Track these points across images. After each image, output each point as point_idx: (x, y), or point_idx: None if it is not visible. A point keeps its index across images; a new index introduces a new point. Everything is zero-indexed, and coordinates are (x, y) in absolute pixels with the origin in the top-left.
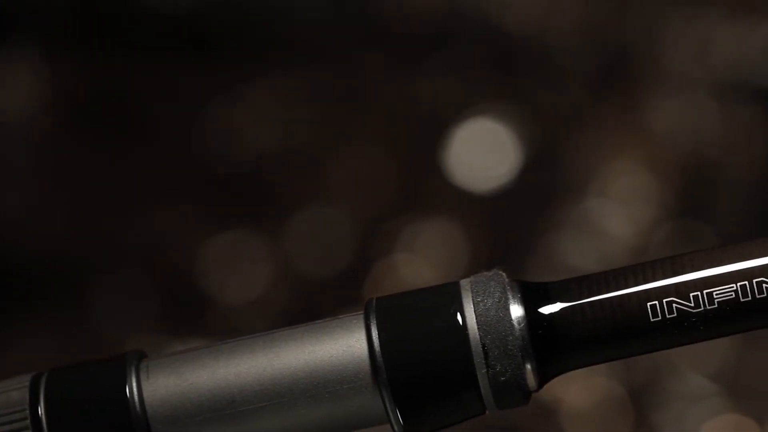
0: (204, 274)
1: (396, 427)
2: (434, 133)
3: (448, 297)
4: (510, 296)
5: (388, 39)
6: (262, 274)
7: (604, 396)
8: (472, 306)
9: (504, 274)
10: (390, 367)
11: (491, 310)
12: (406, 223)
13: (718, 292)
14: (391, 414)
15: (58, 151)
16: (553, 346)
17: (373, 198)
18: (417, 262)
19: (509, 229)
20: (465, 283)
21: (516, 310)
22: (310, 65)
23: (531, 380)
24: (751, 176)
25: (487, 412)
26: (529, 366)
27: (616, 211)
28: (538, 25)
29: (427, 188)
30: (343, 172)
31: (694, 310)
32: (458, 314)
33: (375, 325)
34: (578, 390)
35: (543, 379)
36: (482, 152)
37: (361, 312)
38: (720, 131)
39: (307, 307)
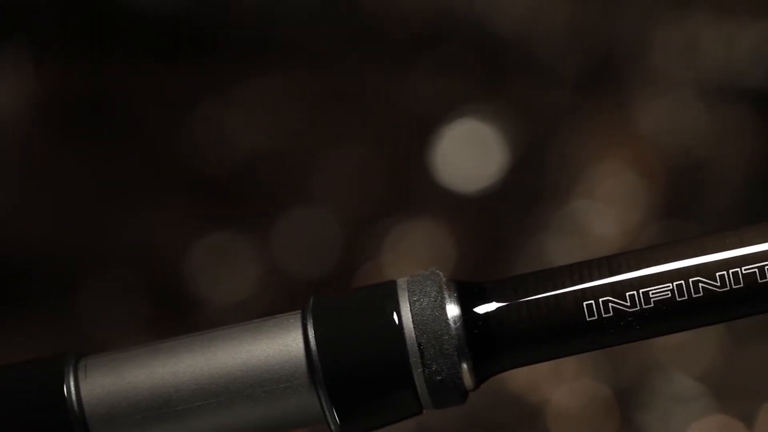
0: (192, 274)
1: (332, 427)
2: (422, 133)
3: (385, 296)
4: (446, 295)
5: (376, 40)
6: (249, 275)
7: (590, 397)
8: (408, 305)
9: (441, 273)
10: (326, 367)
11: (427, 310)
12: (393, 224)
13: (654, 291)
14: (327, 413)
15: (47, 152)
16: (489, 346)
17: (361, 199)
18: (404, 262)
19: (496, 230)
20: (402, 283)
21: (452, 310)
22: (298, 66)
23: (467, 379)
24: (738, 177)
25: (424, 411)
26: (465, 365)
27: (603, 212)
28: (525, 27)
29: (414, 189)
30: (330, 173)
31: (630, 310)
32: (394, 313)
33: (311, 324)
34: (565, 391)
35: (480, 378)
36: (469, 153)
37: (299, 311)
38: (707, 132)
39: (295, 307)
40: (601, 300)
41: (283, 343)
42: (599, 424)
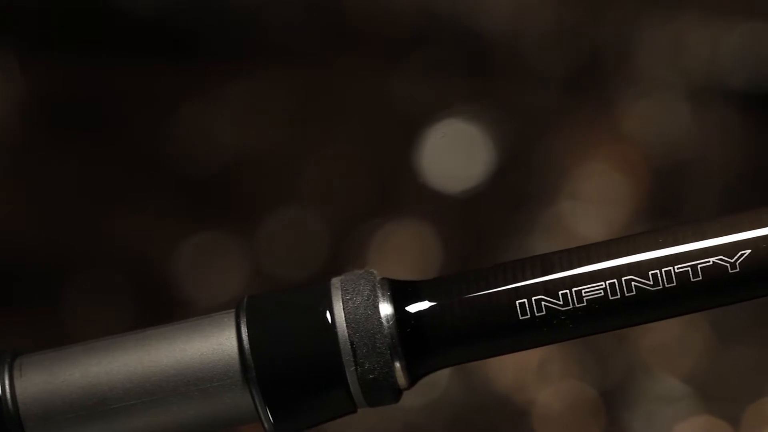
0: (178, 275)
1: (266, 425)
2: (408, 135)
3: (319, 295)
4: (379, 294)
5: (362, 41)
6: (235, 276)
7: (576, 397)
8: (341, 304)
9: (375, 272)
10: (259, 365)
11: (360, 308)
12: (379, 225)
13: (587, 290)
14: (260, 412)
15: (33, 153)
16: (422, 344)
17: (347, 200)
18: (390, 263)
19: (482, 231)
20: (336, 282)
21: (385, 309)
22: (283, 68)
23: (401, 378)
24: (723, 178)
25: (358, 410)
26: (398, 364)
27: (588, 212)
28: (511, 28)
29: (400, 190)
30: (316, 174)
31: (563, 308)
32: (327, 312)
33: (245, 322)
34: (551, 392)
35: (413, 377)
36: (455, 154)
37: (233, 310)
38: (692, 133)
39: None
40: (533, 299)
41: (217, 342)
42: (585, 424)
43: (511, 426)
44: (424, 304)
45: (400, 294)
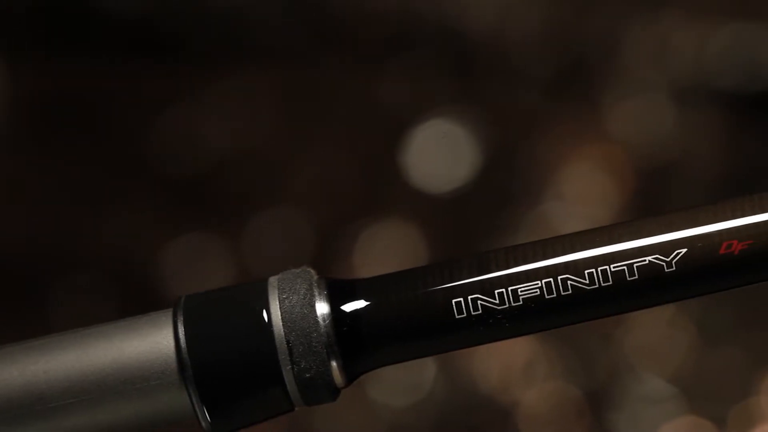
0: (164, 276)
1: (203, 424)
2: (393, 135)
3: (255, 294)
4: (316, 293)
5: (347, 42)
6: (221, 276)
7: (561, 398)
8: (277, 303)
9: (312, 270)
10: (195, 364)
11: (296, 307)
12: (365, 226)
13: (523, 288)
14: (198, 411)
15: (19, 154)
16: (358, 344)
17: (333, 200)
18: (376, 263)
19: (467, 232)
20: (273, 281)
21: (322, 307)
22: (269, 68)
23: (337, 377)
24: (708, 178)
25: (296, 408)
26: (334, 363)
27: (574, 213)
28: (496, 28)
29: (385, 190)
30: (302, 175)
31: (499, 307)
32: (264, 311)
33: (182, 321)
34: (536, 392)
35: (350, 376)
36: (440, 155)
37: (171, 309)
38: (678, 133)
39: None
40: (470, 298)
41: (154, 341)
42: (570, 425)
43: (497, 426)
44: (361, 303)
45: (337, 293)
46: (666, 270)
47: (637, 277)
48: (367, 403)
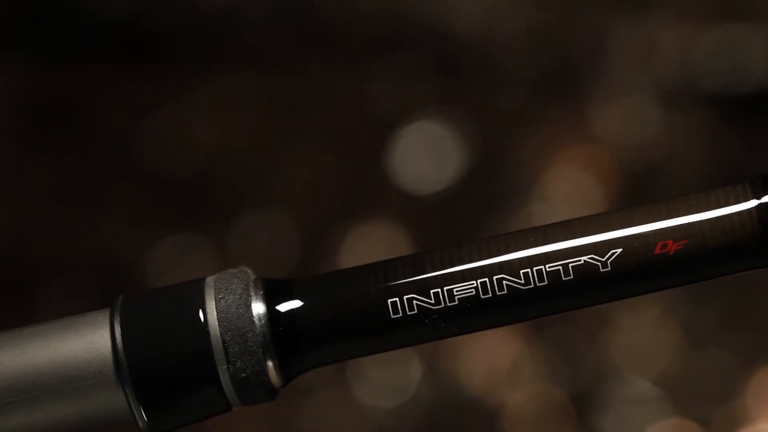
0: (151, 277)
1: (140, 424)
2: (379, 137)
3: (192, 294)
4: (252, 293)
5: (334, 44)
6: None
7: (547, 400)
8: (213, 303)
9: (249, 270)
10: (132, 364)
11: (232, 307)
12: (351, 227)
13: (458, 288)
14: (134, 411)
15: (4, 155)
16: (294, 343)
17: (319, 201)
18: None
19: (453, 233)
20: (209, 281)
21: (258, 307)
22: (256, 70)
23: (273, 377)
24: (694, 180)
25: (233, 408)
26: (270, 363)
27: (560, 214)
28: (482, 30)
29: (371, 192)
30: (288, 176)
31: (435, 307)
32: (200, 311)
33: (119, 321)
34: (521, 394)
35: (287, 375)
36: (427, 156)
37: (108, 309)
38: (663, 135)
39: None
40: (405, 298)
41: (91, 341)
42: (556, 427)
43: (482, 428)
44: (297, 303)
45: (274, 293)
46: (601, 270)
47: (572, 277)
48: (353, 404)
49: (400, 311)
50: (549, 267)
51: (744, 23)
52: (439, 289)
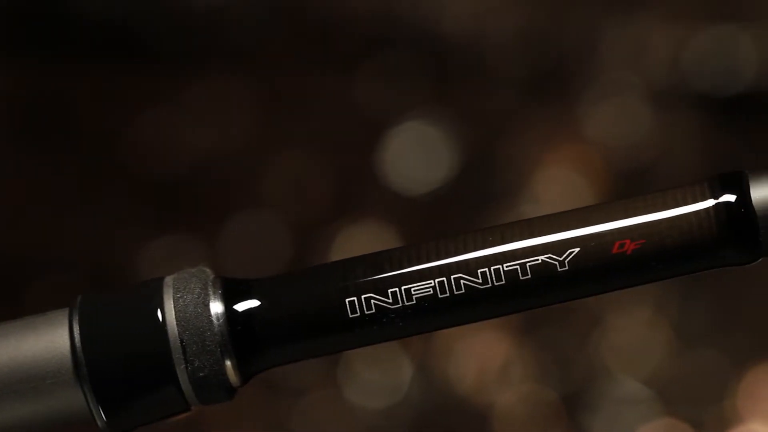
0: (141, 277)
1: (99, 423)
2: (370, 137)
3: (151, 293)
4: (210, 292)
5: (325, 44)
6: None
7: (538, 400)
8: (172, 302)
9: (208, 270)
10: (90, 363)
11: (190, 306)
12: (342, 227)
13: (416, 288)
14: (93, 410)
15: None
16: (252, 343)
17: (309, 202)
18: None
19: (444, 234)
20: (168, 280)
21: (216, 307)
22: (246, 70)
23: (232, 376)
24: (685, 180)
25: (192, 408)
26: (228, 362)
27: None
28: (473, 31)
29: (362, 192)
30: (279, 177)
31: (393, 307)
32: (158, 310)
33: (77, 320)
34: (512, 395)
35: (245, 375)
36: (417, 157)
37: (67, 308)
38: (654, 136)
39: None
40: (363, 297)
41: (50, 340)
42: (546, 427)
43: (473, 428)
44: (255, 303)
45: (232, 292)
46: (559, 269)
47: (530, 276)
48: (344, 404)
49: (358, 310)
50: (507, 266)
51: (734, 24)
52: (396, 289)
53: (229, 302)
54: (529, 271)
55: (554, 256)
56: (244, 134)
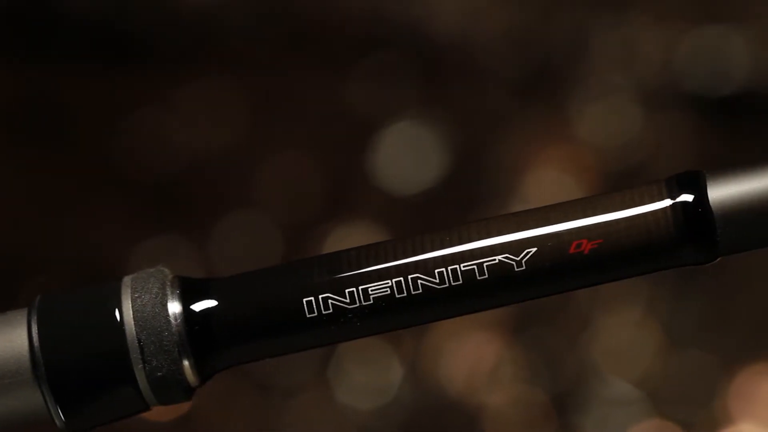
0: None
1: (58, 423)
2: (360, 138)
3: (109, 293)
4: (168, 292)
5: (315, 45)
6: None
7: (528, 401)
8: (130, 302)
9: (167, 270)
10: (48, 363)
11: (148, 306)
12: (332, 228)
13: (373, 288)
14: (51, 410)
15: None
16: (210, 342)
17: (300, 202)
18: None
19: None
20: (127, 280)
21: (174, 307)
22: (237, 71)
23: (190, 376)
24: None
25: (151, 407)
26: (186, 362)
27: None
28: (463, 32)
29: (353, 193)
30: (270, 177)
31: (350, 306)
32: (116, 310)
33: (35, 320)
34: (502, 396)
35: (203, 375)
36: (408, 157)
37: (26, 308)
38: (645, 136)
39: None
40: (321, 297)
41: (8, 340)
42: (537, 428)
43: (463, 430)
44: (212, 303)
45: (190, 292)
46: (516, 269)
47: (487, 276)
48: (334, 405)
49: (316, 310)
50: (464, 266)
51: (725, 24)
52: (354, 289)
53: (187, 302)
54: (486, 271)
55: (511, 256)
56: (235, 135)
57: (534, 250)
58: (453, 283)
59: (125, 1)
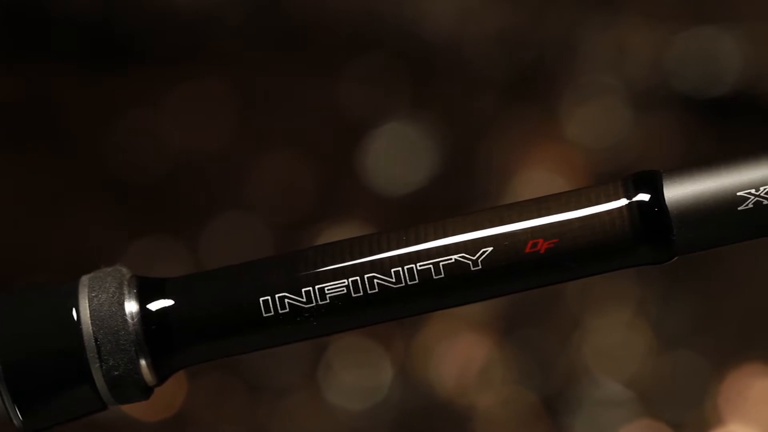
0: None
1: (15, 422)
2: (352, 138)
3: (66, 293)
4: (126, 292)
5: (306, 46)
6: None
7: (519, 402)
8: (87, 301)
9: (124, 269)
10: (6, 363)
11: (105, 305)
12: (323, 229)
13: (330, 287)
14: (9, 409)
15: None
16: (167, 342)
17: (291, 203)
18: None
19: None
20: (84, 279)
21: (131, 306)
22: (228, 72)
23: (147, 375)
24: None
25: (108, 407)
26: (143, 361)
27: None
28: (454, 33)
29: (343, 194)
30: (260, 178)
31: (306, 306)
32: (73, 309)
33: None
34: (493, 396)
35: (161, 374)
36: (399, 158)
37: None
38: (636, 137)
39: None
40: (277, 296)
41: None
42: (527, 429)
43: (454, 430)
44: (169, 302)
45: (147, 292)
46: (472, 268)
47: (443, 275)
48: (324, 406)
49: (272, 310)
50: (420, 266)
51: (715, 25)
52: (310, 288)
53: (143, 301)
54: (442, 271)
55: (467, 256)
56: (226, 135)
57: (490, 249)
58: (409, 283)
59: (119, 3)
